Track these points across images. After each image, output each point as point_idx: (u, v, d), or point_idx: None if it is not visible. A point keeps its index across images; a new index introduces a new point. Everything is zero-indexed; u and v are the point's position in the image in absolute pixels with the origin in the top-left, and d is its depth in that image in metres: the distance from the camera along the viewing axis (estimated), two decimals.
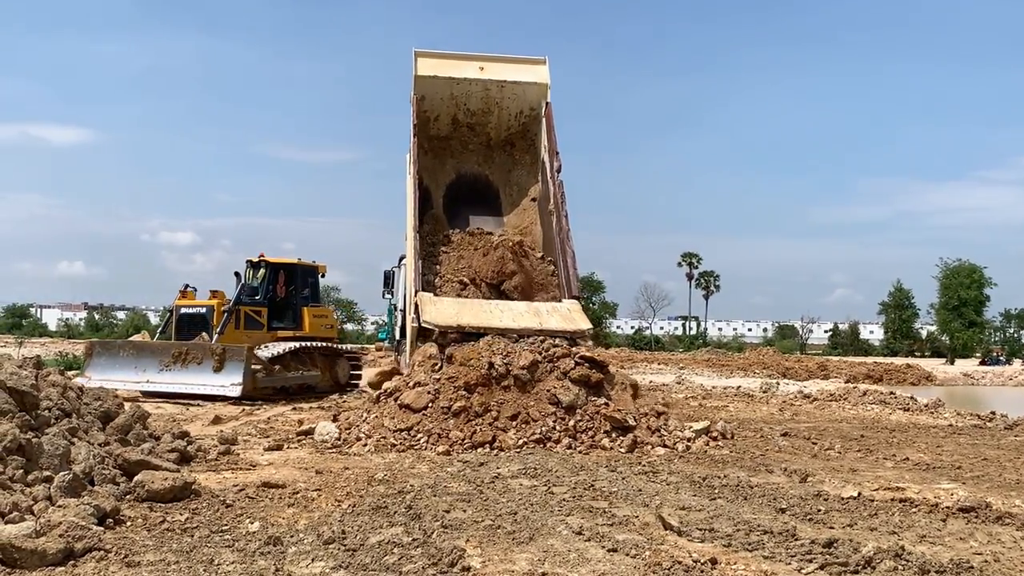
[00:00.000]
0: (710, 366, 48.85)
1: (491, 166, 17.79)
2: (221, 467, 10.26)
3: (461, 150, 17.75)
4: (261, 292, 22.45)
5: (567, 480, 9.35)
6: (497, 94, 17.17)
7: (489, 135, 17.67)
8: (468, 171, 17.73)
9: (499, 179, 17.69)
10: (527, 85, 17.01)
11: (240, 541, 6.75)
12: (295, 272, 23.48)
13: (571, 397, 12.37)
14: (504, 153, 17.83)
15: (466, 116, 17.44)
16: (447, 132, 17.58)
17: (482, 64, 17.19)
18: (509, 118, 17.47)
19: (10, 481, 7.16)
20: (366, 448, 11.84)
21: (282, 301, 23.05)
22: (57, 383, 9.67)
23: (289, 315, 23.13)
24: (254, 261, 22.91)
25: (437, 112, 17.26)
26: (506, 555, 6.38)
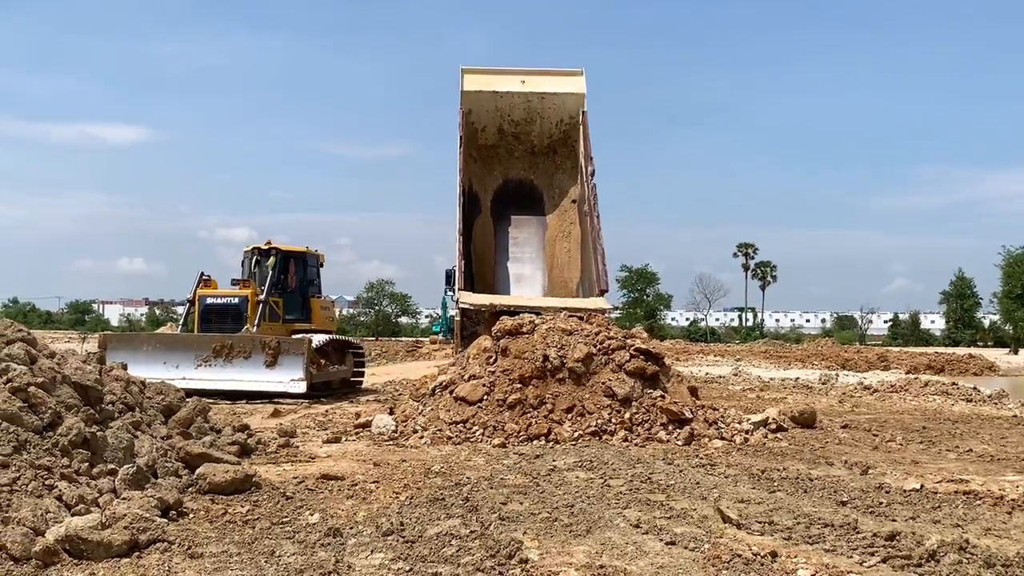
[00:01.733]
0: (767, 358, 48.37)
1: (535, 171, 19.03)
2: (281, 460, 10.37)
3: (507, 157, 19.05)
4: (276, 282, 20.87)
5: (624, 473, 9.32)
6: (538, 105, 18.38)
7: (533, 143, 18.89)
8: (514, 176, 19.09)
9: (543, 183, 18.95)
10: (566, 95, 18.12)
11: (300, 533, 6.82)
12: (304, 261, 22.28)
13: (627, 390, 12.33)
14: (547, 159, 18.98)
15: (511, 126, 18.72)
16: (493, 141, 18.81)
17: (523, 78, 18.39)
18: (551, 126, 18.63)
19: (76, 474, 7.30)
20: (423, 440, 11.91)
21: (294, 292, 21.81)
22: (120, 377, 9.82)
23: (299, 306, 21.93)
24: (262, 248, 21.45)
25: (484, 123, 18.50)
26: (564, 547, 6.38)
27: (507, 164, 19.11)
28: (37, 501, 6.55)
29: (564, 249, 18.51)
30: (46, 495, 6.71)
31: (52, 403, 7.85)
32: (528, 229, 18.97)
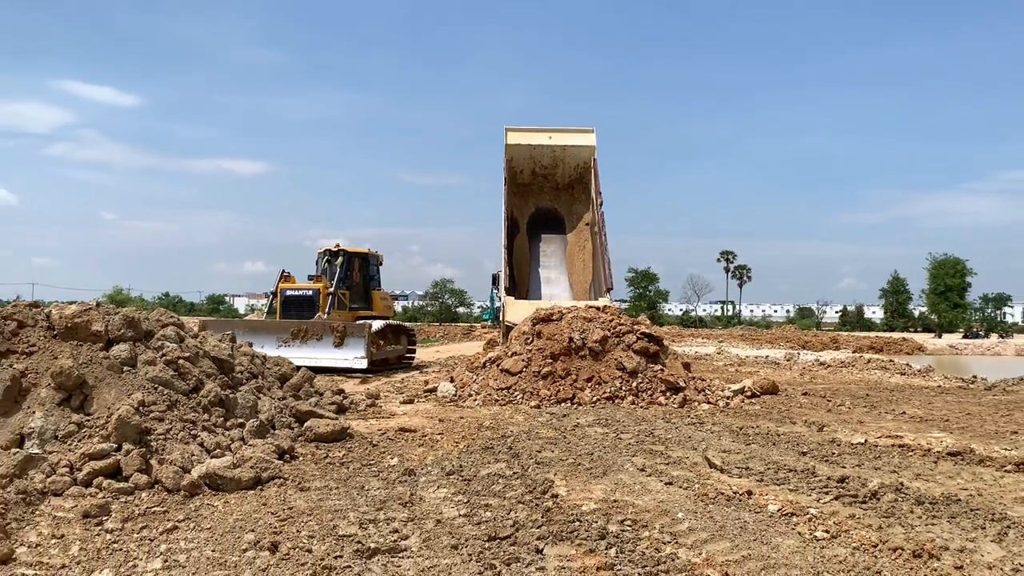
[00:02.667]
0: (744, 340, 47.80)
1: (559, 202, 20.10)
2: (368, 416, 10.43)
3: (538, 192, 20.18)
4: (344, 277, 20.13)
5: (631, 429, 9.28)
6: (561, 154, 19.47)
7: (557, 181, 20.00)
8: (543, 206, 20.19)
9: (564, 210, 20.02)
10: (581, 147, 19.26)
11: (383, 472, 6.87)
12: (367, 260, 21.48)
13: (634, 364, 12.26)
14: (567, 193, 20.06)
15: (541, 169, 19.82)
16: (528, 180, 19.90)
17: (550, 134, 19.63)
18: (570, 169, 19.69)
19: (214, 426, 7.39)
20: (476, 402, 11.93)
21: (358, 285, 20.95)
22: (247, 352, 9.92)
23: (362, 297, 21.12)
24: (332, 250, 20.55)
25: (521, 167, 19.57)
26: (585, 486, 6.37)
27: (538, 197, 20.16)
28: (184, 447, 6.64)
29: (580, 259, 19.36)
30: (191, 442, 6.81)
31: (196, 372, 7.95)
32: (554, 245, 20.07)
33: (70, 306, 7.64)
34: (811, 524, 5.25)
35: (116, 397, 6.88)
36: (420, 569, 4.40)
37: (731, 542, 4.91)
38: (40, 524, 5.22)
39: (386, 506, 5.69)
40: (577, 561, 4.52)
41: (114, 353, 7.42)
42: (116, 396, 6.89)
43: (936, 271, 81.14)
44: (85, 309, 7.59)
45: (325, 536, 4.94)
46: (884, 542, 4.83)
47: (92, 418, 6.64)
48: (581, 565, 4.45)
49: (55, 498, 5.74)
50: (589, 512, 5.52)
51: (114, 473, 6.08)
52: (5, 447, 6.28)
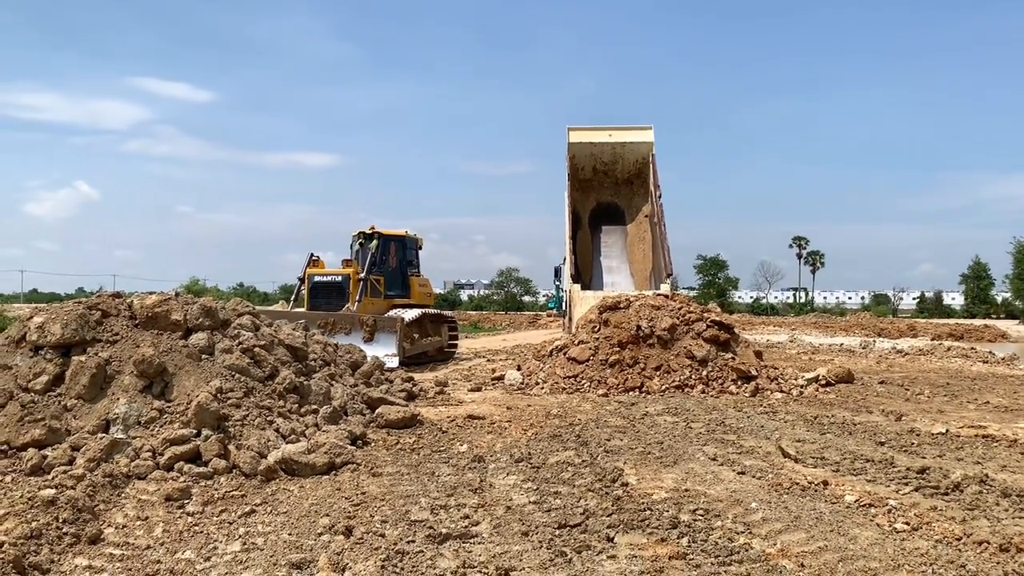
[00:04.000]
0: (817, 327, 46.64)
1: (619, 196, 20.72)
2: (437, 403, 10.55)
3: (599, 187, 20.81)
4: (378, 262, 18.49)
5: (702, 418, 9.17)
6: (620, 151, 20.14)
7: (617, 176, 20.64)
8: (604, 200, 20.80)
9: (624, 204, 20.64)
10: (639, 144, 19.90)
11: (453, 459, 6.93)
12: (404, 243, 19.78)
13: (704, 352, 12.11)
14: (627, 187, 20.68)
15: (601, 166, 20.49)
16: (589, 176, 20.53)
17: (610, 132, 20.28)
18: (629, 165, 20.35)
19: (289, 413, 7.57)
20: (543, 390, 11.95)
21: (394, 270, 19.30)
22: (320, 340, 10.13)
23: (399, 283, 19.41)
24: (367, 232, 18.93)
25: (583, 164, 20.21)
26: (655, 475, 6.33)
27: (599, 191, 20.78)
28: (261, 432, 6.82)
29: (640, 249, 19.92)
30: (267, 428, 6.98)
31: (271, 359, 8.14)
32: (614, 236, 20.62)
33: (150, 296, 7.91)
34: (890, 516, 5.11)
35: (195, 384, 7.10)
36: (491, 555, 4.43)
37: (807, 533, 4.81)
38: (126, 506, 5.43)
39: (457, 492, 5.75)
40: (649, 550, 4.49)
41: (193, 341, 7.66)
42: (195, 383, 7.11)
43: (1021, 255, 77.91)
44: (165, 299, 7.84)
45: (398, 521, 5.02)
46: (968, 535, 4.67)
47: (173, 404, 6.87)
48: (653, 554, 4.42)
49: (139, 481, 5.97)
50: (660, 501, 5.48)
51: (194, 458, 6.28)
52: (92, 432, 6.55)
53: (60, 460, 6.14)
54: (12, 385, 7.02)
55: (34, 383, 6.96)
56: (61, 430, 6.54)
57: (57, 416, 6.67)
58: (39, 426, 6.48)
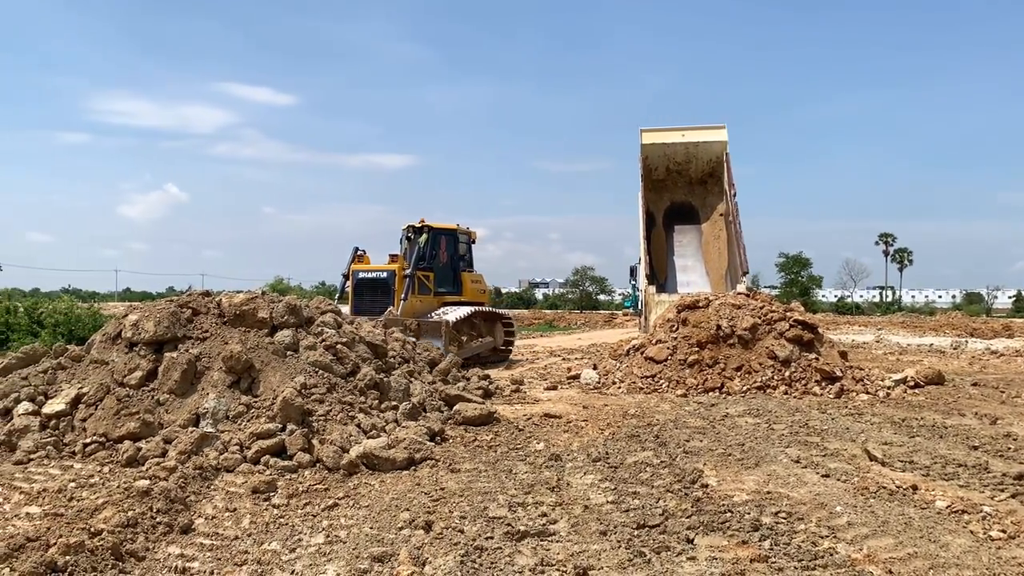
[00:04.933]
0: (904, 327, 44.95)
1: (693, 195, 20.66)
2: (513, 401, 10.59)
3: (673, 187, 20.78)
4: (426, 257, 17.43)
5: (784, 419, 8.98)
6: (694, 150, 20.13)
7: (691, 176, 20.57)
8: (678, 200, 20.77)
9: (698, 203, 20.62)
10: (712, 143, 19.82)
11: (530, 457, 6.96)
12: (455, 237, 18.66)
13: (786, 353, 11.85)
14: (701, 186, 20.62)
15: (675, 166, 20.48)
16: (663, 176, 20.54)
17: (683, 132, 20.21)
18: (702, 165, 20.28)
19: (369, 408, 7.73)
20: (620, 390, 11.88)
21: (444, 266, 18.24)
22: (399, 338, 10.29)
23: (450, 280, 18.35)
24: (416, 226, 17.92)
25: (656, 165, 20.25)
26: (736, 477, 6.23)
27: (673, 191, 20.75)
28: (343, 427, 6.98)
29: (715, 248, 19.89)
30: (349, 423, 7.14)
31: (353, 356, 8.32)
32: (689, 235, 20.60)
33: (238, 295, 8.18)
34: (985, 523, 4.92)
35: (280, 380, 7.31)
36: (569, 553, 4.44)
37: (895, 538, 4.67)
38: (215, 498, 5.64)
39: (534, 490, 5.77)
40: (730, 552, 4.43)
41: (278, 338, 7.89)
42: (280, 379, 7.33)
43: None
44: (252, 297, 8.10)
45: (476, 517, 5.07)
46: None
47: (259, 399, 7.09)
48: (734, 556, 4.36)
49: (227, 474, 6.19)
50: (741, 503, 5.40)
51: (279, 451, 6.48)
52: (183, 426, 6.82)
53: (153, 452, 6.42)
54: (109, 380, 7.36)
55: (129, 378, 7.28)
56: (154, 423, 6.83)
57: (150, 410, 6.96)
58: (134, 419, 6.78)
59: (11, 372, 8.20)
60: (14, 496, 5.61)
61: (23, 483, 5.95)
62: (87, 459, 6.59)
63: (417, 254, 16.78)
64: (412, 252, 17.00)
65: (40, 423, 7.05)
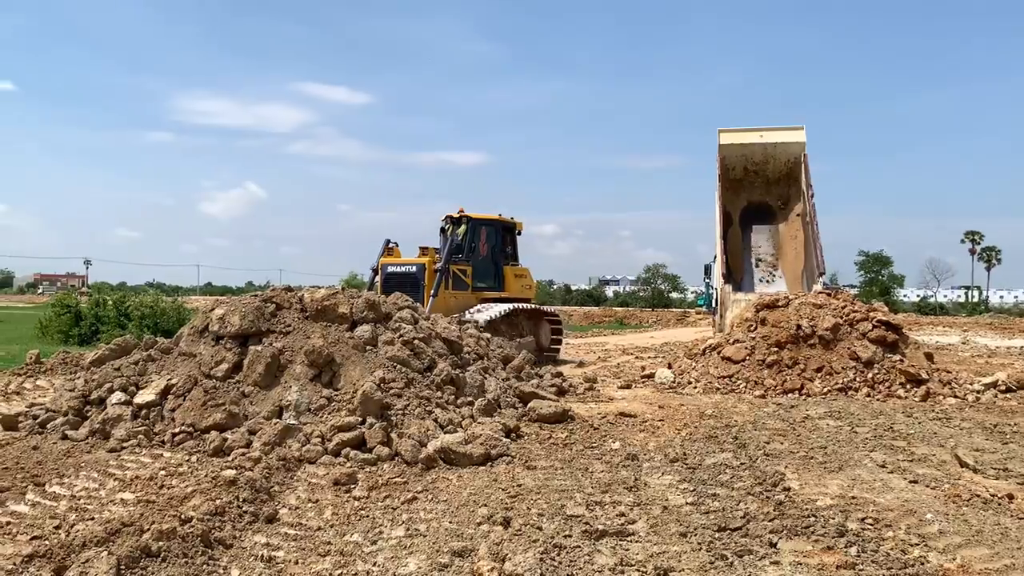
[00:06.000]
0: (993, 329, 43.11)
1: (770, 195, 20.76)
2: (587, 399, 10.55)
3: (750, 187, 20.86)
4: (464, 249, 16.30)
5: (868, 422, 8.73)
6: (772, 151, 20.22)
7: (768, 176, 20.63)
8: (755, 199, 20.83)
9: (775, 203, 20.68)
10: (790, 144, 19.89)
11: (606, 456, 6.93)
12: (496, 229, 17.41)
13: (869, 354, 11.51)
14: (778, 186, 20.68)
15: (752, 166, 20.57)
16: (740, 176, 20.64)
17: (761, 133, 20.34)
18: (780, 165, 20.34)
19: (446, 404, 7.80)
20: (696, 390, 11.73)
21: (484, 259, 17.01)
22: (473, 334, 10.36)
23: (491, 274, 17.09)
24: (454, 217, 16.76)
25: (733, 165, 20.35)
26: (819, 480, 6.09)
27: (750, 191, 20.82)
28: (420, 422, 7.07)
29: (792, 248, 19.95)
30: (427, 418, 7.23)
31: (429, 352, 8.42)
32: (765, 235, 20.72)
33: (319, 290, 8.36)
34: None
35: (360, 374, 7.45)
36: (649, 554, 4.40)
37: (990, 548, 4.50)
38: (298, 488, 5.77)
39: (611, 489, 5.75)
40: (814, 558, 4.33)
41: (358, 333, 8.03)
42: (360, 373, 7.46)
43: None
44: (333, 293, 8.27)
45: (554, 515, 5.07)
46: None
47: (340, 393, 7.24)
48: (819, 562, 4.26)
49: (309, 465, 6.33)
50: (825, 508, 5.27)
51: (359, 444, 6.60)
52: (267, 417, 7.00)
53: (239, 443, 6.61)
54: (196, 372, 7.61)
55: (215, 370, 7.52)
56: (239, 415, 7.03)
57: (236, 401, 7.17)
58: (220, 410, 6.99)
59: (105, 363, 8.56)
60: (109, 482, 5.85)
61: (117, 470, 6.20)
62: (176, 448, 6.83)
63: (450, 247, 15.80)
64: (446, 244, 16.09)
65: (132, 412, 7.33)
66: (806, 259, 18.71)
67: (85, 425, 7.36)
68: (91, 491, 5.63)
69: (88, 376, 8.38)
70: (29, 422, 7.66)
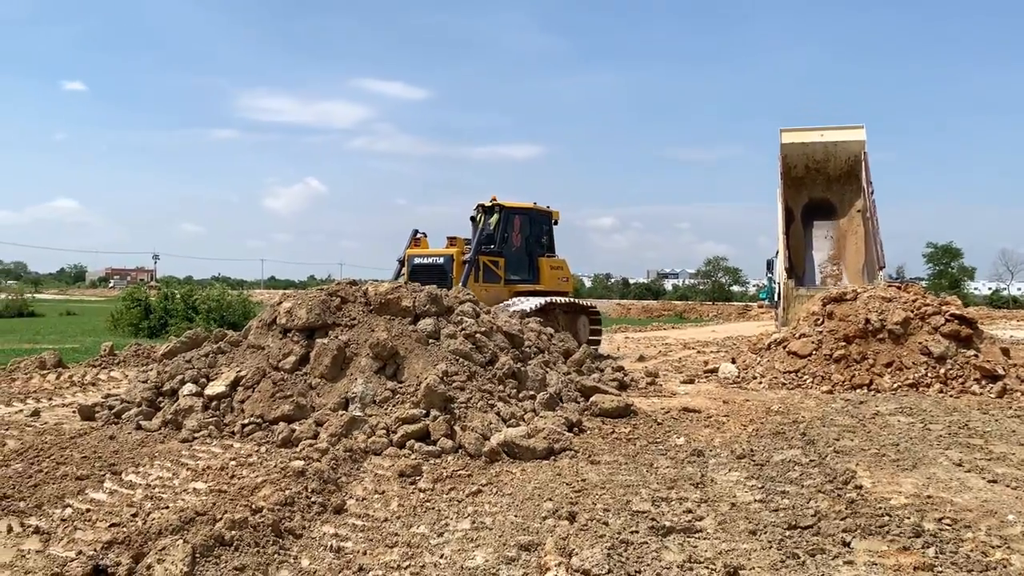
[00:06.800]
0: None
1: (831, 192, 21.19)
2: (649, 394, 10.46)
3: (811, 184, 21.35)
4: (496, 240, 15.37)
5: (941, 419, 8.47)
6: (832, 149, 20.76)
7: (829, 174, 21.12)
8: (816, 196, 21.31)
9: (836, 199, 21.15)
10: (851, 142, 20.41)
11: (670, 451, 6.86)
12: (531, 218, 16.49)
13: (942, 349, 11.18)
14: (839, 184, 21.10)
15: (813, 164, 21.10)
16: (801, 174, 21.12)
17: (822, 132, 20.94)
18: (840, 163, 20.82)
19: (508, 397, 7.81)
20: (761, 385, 11.54)
21: (518, 251, 16.14)
22: (534, 328, 10.34)
23: (525, 266, 16.23)
24: (487, 205, 15.88)
25: (795, 163, 20.87)
26: (892, 479, 5.93)
27: (811, 188, 21.30)
28: (483, 415, 7.09)
29: (853, 243, 20.35)
30: (489, 411, 7.25)
31: (491, 346, 8.44)
32: (826, 231, 21.14)
33: (383, 284, 8.46)
34: None
35: (423, 367, 7.50)
36: (717, 551, 4.34)
37: None
38: (364, 479, 5.84)
39: (677, 485, 5.68)
40: (890, 558, 4.22)
41: (420, 327, 8.10)
42: (423, 366, 7.52)
43: None
44: (396, 287, 8.36)
45: (620, 510, 5.04)
46: None
47: (403, 385, 7.31)
48: (895, 563, 4.15)
49: (375, 457, 6.41)
50: (900, 507, 5.13)
51: (423, 436, 6.65)
52: (333, 409, 7.11)
53: (306, 434, 6.72)
54: (265, 364, 7.76)
55: (283, 362, 7.66)
56: (307, 406, 7.15)
57: (303, 393, 7.30)
58: (288, 402, 7.12)
59: (176, 355, 8.79)
60: (182, 472, 6.00)
61: (189, 460, 6.36)
62: (245, 439, 6.97)
63: (480, 237, 14.99)
64: (476, 234, 15.28)
65: (203, 404, 7.52)
66: (866, 254, 19.16)
67: (158, 416, 7.57)
68: (165, 480, 5.79)
69: (160, 368, 8.63)
70: (105, 412, 7.91)
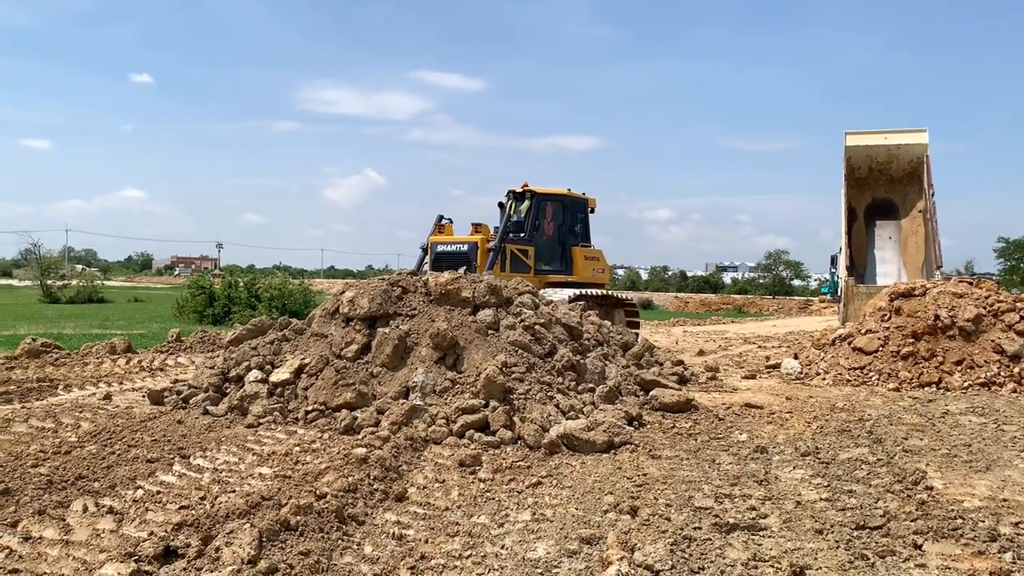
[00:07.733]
0: None
1: (893, 192, 21.63)
2: (710, 389, 10.33)
3: (874, 184, 21.74)
4: (527, 228, 14.81)
5: (1016, 420, 8.18)
6: (895, 152, 21.07)
7: (891, 175, 21.53)
8: (879, 196, 21.74)
9: (898, 200, 21.58)
10: (913, 146, 20.71)
11: (733, 448, 6.76)
12: (565, 205, 15.78)
13: (1016, 347, 10.79)
14: (901, 185, 21.52)
15: (876, 165, 21.46)
16: (865, 175, 21.52)
17: (886, 135, 21.23)
18: (903, 165, 21.19)
19: (567, 390, 7.79)
20: (825, 381, 11.30)
21: (550, 239, 15.53)
22: (593, 321, 10.30)
23: (558, 256, 15.57)
24: (517, 192, 15.25)
25: (859, 164, 21.23)
26: (965, 480, 5.75)
27: (874, 189, 21.71)
28: (542, 407, 7.08)
29: (913, 243, 20.85)
30: (548, 403, 7.24)
31: (550, 337, 8.43)
32: (888, 230, 21.52)
33: (443, 274, 8.50)
34: None
35: (483, 358, 7.53)
36: (783, 550, 4.26)
37: None
38: (425, 468, 5.89)
39: (740, 482, 5.60)
40: (964, 562, 4.09)
41: (480, 317, 8.13)
42: (483, 357, 7.55)
43: None
44: (456, 277, 8.40)
45: (682, 506, 4.99)
46: None
47: (463, 376, 7.35)
48: (970, 567, 4.02)
49: (435, 446, 6.46)
50: (973, 510, 4.97)
51: (482, 427, 6.69)
52: (394, 398, 7.18)
53: (368, 422, 6.81)
54: (328, 352, 7.88)
55: (346, 351, 7.76)
56: (368, 394, 7.24)
57: (365, 381, 7.39)
58: (350, 390, 7.22)
59: (242, 342, 8.98)
60: (248, 457, 6.13)
61: (255, 445, 6.50)
62: (309, 425, 7.09)
63: (506, 224, 14.46)
64: (503, 221, 14.70)
65: (268, 390, 7.67)
66: (926, 252, 19.68)
67: (224, 401, 7.74)
68: (231, 464, 5.91)
69: (227, 355, 8.82)
70: (173, 397, 8.13)
